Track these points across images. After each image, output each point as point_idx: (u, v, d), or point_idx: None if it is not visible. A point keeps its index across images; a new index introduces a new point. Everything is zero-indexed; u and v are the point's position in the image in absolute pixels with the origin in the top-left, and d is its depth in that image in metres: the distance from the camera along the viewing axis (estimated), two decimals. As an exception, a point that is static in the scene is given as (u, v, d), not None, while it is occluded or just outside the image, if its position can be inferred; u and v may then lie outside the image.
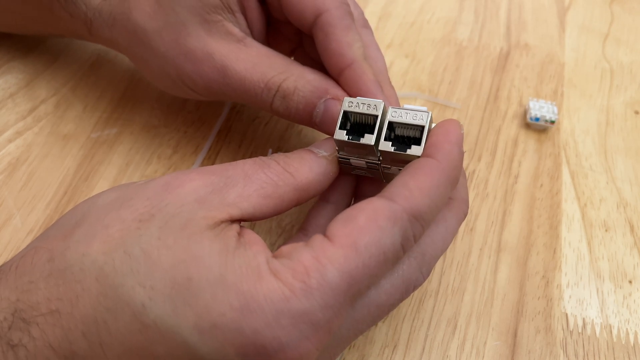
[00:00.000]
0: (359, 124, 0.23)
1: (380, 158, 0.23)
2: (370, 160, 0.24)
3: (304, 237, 0.24)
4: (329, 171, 0.24)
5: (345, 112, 0.23)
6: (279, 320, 0.17)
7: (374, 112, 0.23)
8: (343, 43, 0.25)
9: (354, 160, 0.24)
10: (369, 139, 0.22)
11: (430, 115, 0.22)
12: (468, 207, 0.24)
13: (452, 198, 0.24)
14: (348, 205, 0.26)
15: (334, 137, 0.23)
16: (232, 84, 0.26)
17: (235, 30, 0.26)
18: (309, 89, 0.25)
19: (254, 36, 0.28)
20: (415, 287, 0.22)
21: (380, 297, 0.21)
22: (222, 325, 0.17)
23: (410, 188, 0.20)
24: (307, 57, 0.31)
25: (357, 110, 0.23)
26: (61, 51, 0.38)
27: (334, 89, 0.25)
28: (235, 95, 0.26)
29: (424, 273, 0.22)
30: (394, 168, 0.24)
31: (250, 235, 0.20)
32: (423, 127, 0.22)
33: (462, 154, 0.22)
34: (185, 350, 0.17)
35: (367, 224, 0.19)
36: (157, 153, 0.33)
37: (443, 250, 0.23)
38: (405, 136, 0.23)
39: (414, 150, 0.22)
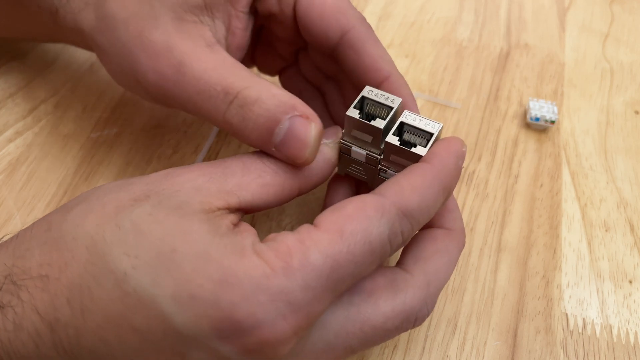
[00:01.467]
0: (371, 116, 0.23)
1: (381, 155, 0.23)
2: (371, 153, 0.24)
3: None
4: (330, 158, 0.24)
5: (362, 98, 0.23)
6: (256, 295, 0.17)
7: (390, 104, 0.23)
8: (376, 57, 0.25)
9: (355, 150, 0.24)
10: (379, 123, 0.23)
11: (441, 128, 0.23)
12: (465, 238, 0.24)
13: (451, 229, 0.24)
14: None
15: (346, 113, 0.23)
16: (185, 82, 0.23)
17: (208, 35, 0.24)
18: (273, 102, 0.22)
19: (230, 50, 0.26)
20: (417, 320, 0.21)
21: (377, 318, 0.20)
22: (199, 296, 0.17)
23: (401, 184, 0.20)
24: (298, 80, 0.30)
25: (375, 98, 0.23)
26: (61, 51, 0.37)
27: (303, 107, 0.22)
28: (186, 97, 0.23)
29: (429, 305, 0.22)
30: (390, 172, 0.24)
31: (245, 226, 0.20)
32: (432, 134, 0.22)
33: (458, 166, 0.22)
34: (161, 321, 0.17)
35: (354, 212, 0.19)
36: (157, 153, 0.33)
37: (446, 281, 0.23)
38: (411, 142, 0.23)
39: (419, 149, 0.22)
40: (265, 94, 0.22)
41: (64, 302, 0.18)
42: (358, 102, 0.23)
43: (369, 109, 0.24)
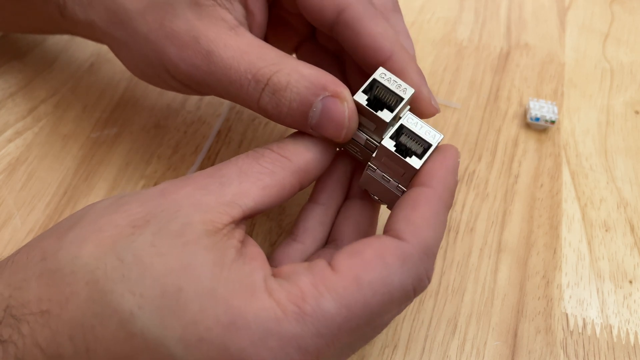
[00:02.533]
0: (378, 100, 0.23)
1: (375, 154, 0.23)
2: (371, 139, 0.23)
3: (293, 242, 0.24)
4: (328, 146, 0.23)
5: (373, 81, 0.22)
6: (266, 340, 0.17)
7: (401, 94, 0.22)
8: (376, 35, 0.23)
9: (357, 133, 0.23)
10: (386, 116, 0.22)
11: (441, 139, 0.22)
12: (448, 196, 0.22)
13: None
14: (338, 206, 0.26)
15: (354, 97, 0.22)
16: (216, 72, 0.23)
17: (228, 17, 0.24)
18: (304, 84, 0.22)
19: (252, 30, 0.26)
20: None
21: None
22: (208, 340, 0.17)
23: (415, 222, 0.20)
24: (317, 51, 0.29)
25: (386, 84, 0.22)
26: (61, 51, 0.37)
27: (333, 85, 0.22)
28: (219, 87, 0.23)
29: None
30: (378, 172, 0.23)
31: (253, 249, 0.20)
32: (430, 145, 0.22)
33: (456, 181, 0.22)
34: None
35: (373, 260, 0.18)
36: (157, 153, 0.33)
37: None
38: (407, 147, 0.22)
39: (414, 161, 0.22)
40: (294, 76, 0.22)
41: (66, 339, 0.17)
42: (368, 85, 0.22)
43: (378, 93, 0.22)
